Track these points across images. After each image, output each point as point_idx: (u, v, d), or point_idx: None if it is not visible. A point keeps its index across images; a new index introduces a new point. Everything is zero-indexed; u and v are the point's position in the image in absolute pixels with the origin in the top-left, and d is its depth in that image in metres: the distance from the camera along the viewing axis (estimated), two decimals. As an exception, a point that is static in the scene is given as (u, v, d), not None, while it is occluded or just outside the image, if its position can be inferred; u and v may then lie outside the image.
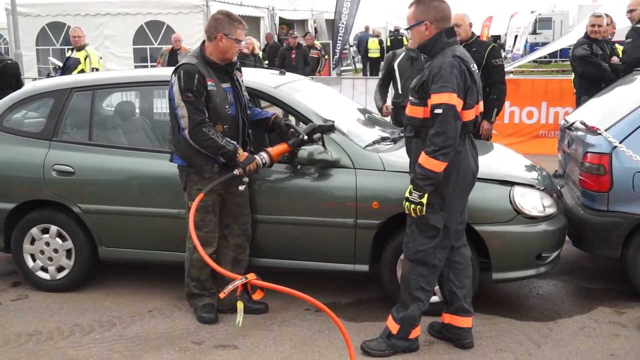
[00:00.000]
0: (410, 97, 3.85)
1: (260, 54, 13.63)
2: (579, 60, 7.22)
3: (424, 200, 3.65)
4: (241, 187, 4.29)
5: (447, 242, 3.86)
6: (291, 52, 14.21)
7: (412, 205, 3.67)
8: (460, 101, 3.63)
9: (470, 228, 4.21)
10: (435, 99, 3.61)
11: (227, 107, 4.28)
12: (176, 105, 4.17)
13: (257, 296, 3.50)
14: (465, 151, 3.78)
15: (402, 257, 4.12)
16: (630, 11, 6.84)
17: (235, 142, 4.24)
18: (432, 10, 3.76)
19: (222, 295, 3.59)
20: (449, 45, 3.74)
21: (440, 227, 3.78)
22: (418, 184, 3.65)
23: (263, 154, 4.34)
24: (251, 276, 3.45)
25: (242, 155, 4.24)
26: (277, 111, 4.94)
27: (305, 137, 4.38)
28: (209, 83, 4.20)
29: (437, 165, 3.61)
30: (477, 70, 3.84)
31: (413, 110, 3.81)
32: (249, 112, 4.48)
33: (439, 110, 3.59)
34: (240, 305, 3.64)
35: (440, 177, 3.64)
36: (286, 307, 4.59)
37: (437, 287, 4.11)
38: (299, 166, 4.46)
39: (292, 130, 4.46)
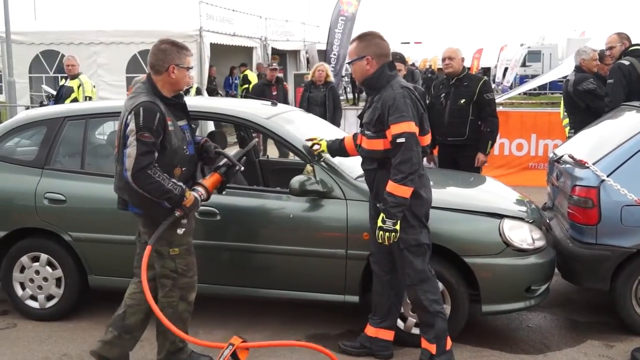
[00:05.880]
0: (367, 132, 4.05)
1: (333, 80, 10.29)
2: (586, 95, 6.96)
3: (397, 227, 3.83)
4: (180, 231, 3.84)
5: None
6: (271, 88, 11.16)
7: (387, 234, 3.83)
8: (417, 128, 3.85)
9: (460, 260, 4.24)
10: (395, 129, 3.82)
11: (185, 147, 3.89)
12: (127, 144, 3.68)
13: (243, 356, 3.46)
14: (425, 173, 4.02)
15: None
16: (610, 48, 6.69)
17: (182, 185, 3.79)
18: (373, 47, 4.03)
19: None
20: (393, 77, 4.00)
21: (429, 242, 3.98)
22: (391, 212, 3.82)
23: (199, 189, 3.95)
24: (235, 340, 3.37)
25: (189, 199, 3.81)
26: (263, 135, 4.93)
27: (242, 167, 4.14)
28: (168, 123, 3.77)
29: (406, 192, 3.81)
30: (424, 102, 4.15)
31: (372, 144, 4.00)
32: None
33: (401, 140, 3.79)
34: None
35: (409, 203, 3.83)
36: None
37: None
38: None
39: (220, 156, 4.15)
